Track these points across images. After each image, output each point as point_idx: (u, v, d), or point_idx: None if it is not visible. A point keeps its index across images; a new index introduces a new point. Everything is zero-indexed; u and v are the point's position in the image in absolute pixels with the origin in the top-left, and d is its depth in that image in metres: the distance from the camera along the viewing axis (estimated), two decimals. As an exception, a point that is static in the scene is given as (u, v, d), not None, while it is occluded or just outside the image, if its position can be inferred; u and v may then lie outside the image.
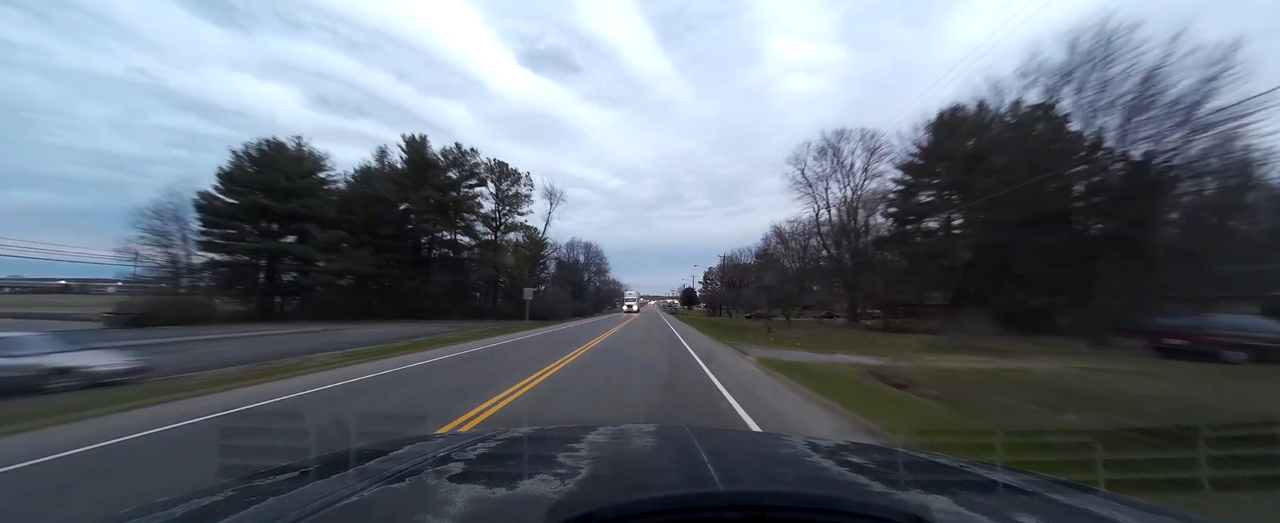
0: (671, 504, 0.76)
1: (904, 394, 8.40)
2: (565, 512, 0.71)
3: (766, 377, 10.83)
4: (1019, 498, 1.07)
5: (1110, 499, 1.06)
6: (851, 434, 5.73)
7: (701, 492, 0.94)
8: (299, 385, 8.98)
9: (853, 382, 9.67)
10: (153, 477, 4.27)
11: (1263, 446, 3.44)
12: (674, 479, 1.18)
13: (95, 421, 6.21)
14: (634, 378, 10.24)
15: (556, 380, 9.72)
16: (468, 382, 9.52)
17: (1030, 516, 0.96)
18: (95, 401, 7.22)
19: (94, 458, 4.79)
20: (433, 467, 1.20)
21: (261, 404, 7.35)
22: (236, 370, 10.95)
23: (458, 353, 14.93)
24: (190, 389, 8.29)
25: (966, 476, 1.27)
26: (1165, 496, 3.10)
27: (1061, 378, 9.47)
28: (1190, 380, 9.16)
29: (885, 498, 1.01)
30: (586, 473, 1.18)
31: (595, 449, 1.49)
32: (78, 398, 7.57)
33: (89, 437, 5.40)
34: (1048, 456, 3.84)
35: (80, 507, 3.65)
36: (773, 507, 0.74)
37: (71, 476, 4.34)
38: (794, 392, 8.82)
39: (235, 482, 1.18)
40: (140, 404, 7.11)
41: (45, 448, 4.98)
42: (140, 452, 5.00)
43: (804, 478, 1.27)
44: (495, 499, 1.00)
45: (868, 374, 10.64)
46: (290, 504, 0.91)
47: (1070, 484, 1.16)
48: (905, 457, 1.50)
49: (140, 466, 4.57)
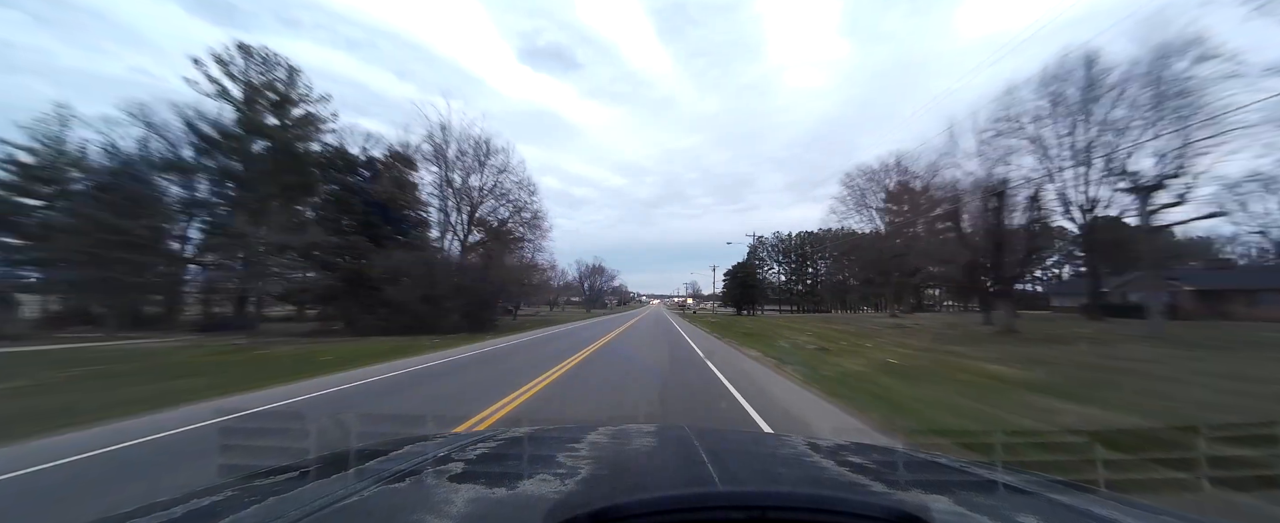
0: (671, 504, 0.76)
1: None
2: (565, 512, 0.71)
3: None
4: (1019, 498, 1.07)
5: (1110, 499, 1.06)
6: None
7: (701, 492, 0.94)
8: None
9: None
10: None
11: (1263, 446, 3.44)
12: (674, 479, 1.18)
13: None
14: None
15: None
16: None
17: (1030, 516, 0.96)
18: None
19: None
20: (433, 467, 1.20)
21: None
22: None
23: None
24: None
25: (966, 476, 1.27)
26: (1165, 496, 3.10)
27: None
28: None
29: (885, 498, 1.01)
30: (586, 473, 1.18)
31: (595, 449, 1.48)
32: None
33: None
34: (1048, 456, 3.84)
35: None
36: (773, 507, 0.74)
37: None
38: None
39: (235, 482, 1.18)
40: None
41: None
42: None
43: (804, 478, 1.27)
44: (495, 499, 1.00)
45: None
46: (290, 504, 0.91)
47: (1070, 484, 1.16)
48: (905, 457, 1.50)
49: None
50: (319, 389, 8.39)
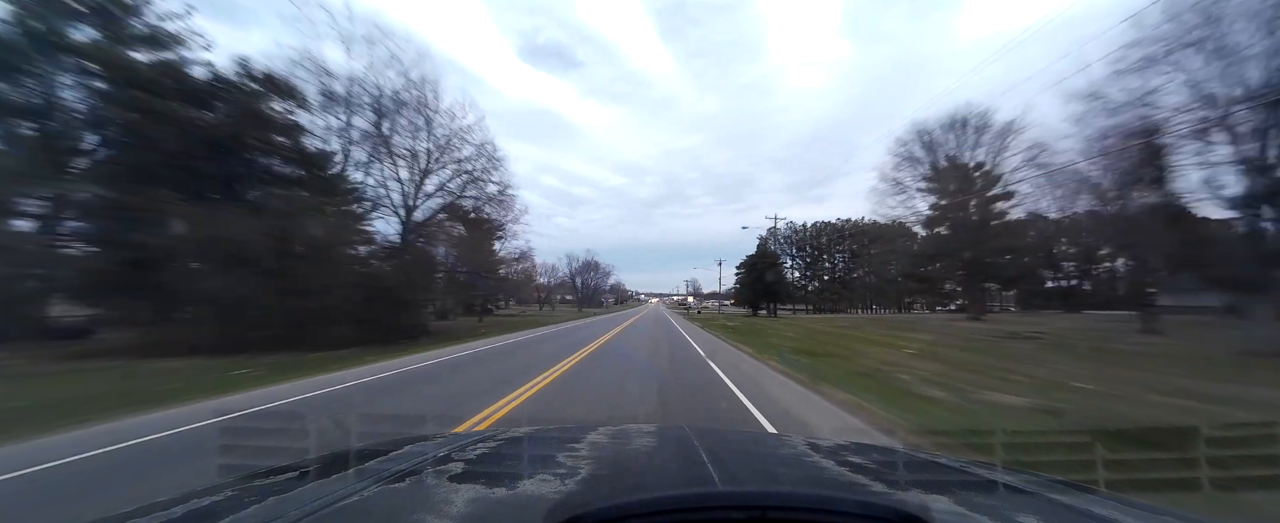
0: (671, 504, 0.76)
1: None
2: (565, 512, 0.71)
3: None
4: (1019, 498, 1.07)
5: (1110, 499, 1.06)
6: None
7: (701, 492, 0.94)
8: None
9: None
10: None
11: (1263, 446, 3.43)
12: (674, 479, 1.18)
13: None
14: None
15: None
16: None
17: (1030, 516, 0.96)
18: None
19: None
20: (433, 467, 1.20)
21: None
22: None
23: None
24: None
25: (966, 476, 1.26)
26: (1165, 496, 3.10)
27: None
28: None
29: (885, 498, 1.01)
30: (586, 473, 1.18)
31: (595, 450, 1.48)
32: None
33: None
34: (1048, 456, 3.83)
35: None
36: (773, 507, 0.74)
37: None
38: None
39: (235, 482, 1.18)
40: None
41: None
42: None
43: (804, 478, 1.27)
44: (495, 499, 1.00)
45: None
46: (290, 504, 0.91)
47: (1070, 484, 1.16)
48: (905, 457, 1.49)
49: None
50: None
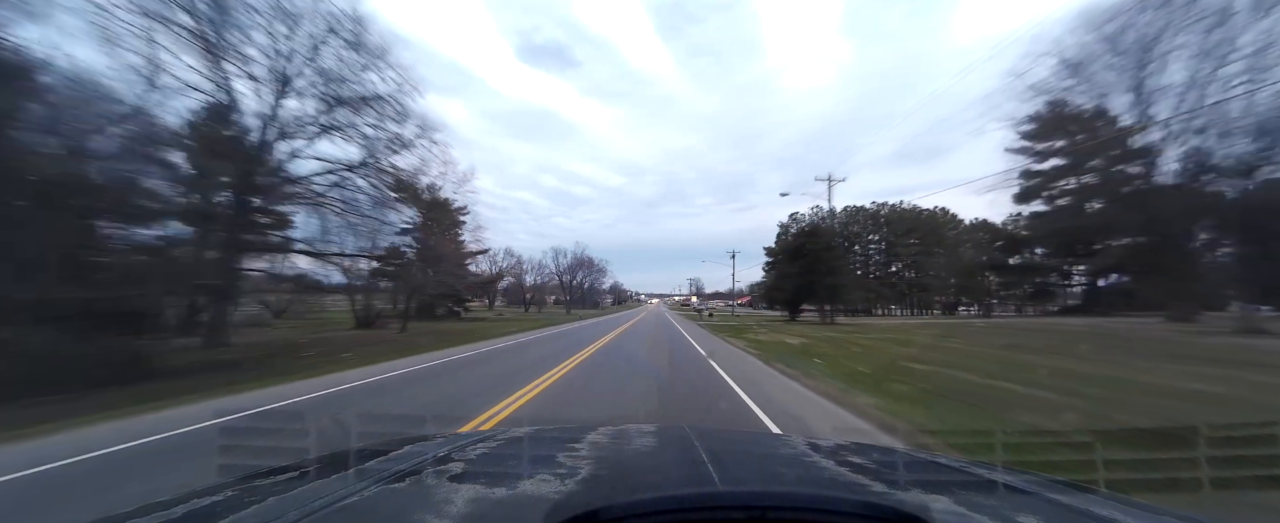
0: (672, 504, 0.76)
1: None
2: (565, 512, 0.70)
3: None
4: (1019, 498, 1.06)
5: (1110, 499, 1.06)
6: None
7: (701, 492, 0.94)
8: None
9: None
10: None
11: (1263, 446, 3.43)
12: (674, 479, 1.18)
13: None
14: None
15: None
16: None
17: (1030, 516, 0.96)
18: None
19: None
20: (433, 467, 1.20)
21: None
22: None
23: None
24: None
25: (966, 476, 1.26)
26: (1165, 496, 3.09)
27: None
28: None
29: (885, 498, 1.01)
30: (586, 473, 1.18)
31: (595, 450, 1.48)
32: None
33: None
34: (1048, 456, 3.83)
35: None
36: (773, 507, 0.74)
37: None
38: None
39: (235, 482, 1.18)
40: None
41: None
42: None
43: (804, 478, 1.26)
44: (495, 499, 1.00)
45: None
46: (290, 504, 0.91)
47: (1070, 484, 1.16)
48: (905, 457, 1.49)
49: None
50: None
